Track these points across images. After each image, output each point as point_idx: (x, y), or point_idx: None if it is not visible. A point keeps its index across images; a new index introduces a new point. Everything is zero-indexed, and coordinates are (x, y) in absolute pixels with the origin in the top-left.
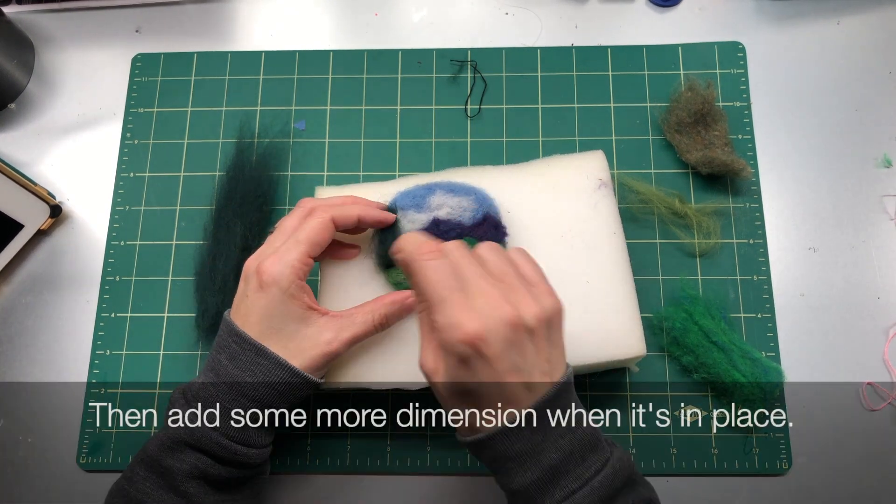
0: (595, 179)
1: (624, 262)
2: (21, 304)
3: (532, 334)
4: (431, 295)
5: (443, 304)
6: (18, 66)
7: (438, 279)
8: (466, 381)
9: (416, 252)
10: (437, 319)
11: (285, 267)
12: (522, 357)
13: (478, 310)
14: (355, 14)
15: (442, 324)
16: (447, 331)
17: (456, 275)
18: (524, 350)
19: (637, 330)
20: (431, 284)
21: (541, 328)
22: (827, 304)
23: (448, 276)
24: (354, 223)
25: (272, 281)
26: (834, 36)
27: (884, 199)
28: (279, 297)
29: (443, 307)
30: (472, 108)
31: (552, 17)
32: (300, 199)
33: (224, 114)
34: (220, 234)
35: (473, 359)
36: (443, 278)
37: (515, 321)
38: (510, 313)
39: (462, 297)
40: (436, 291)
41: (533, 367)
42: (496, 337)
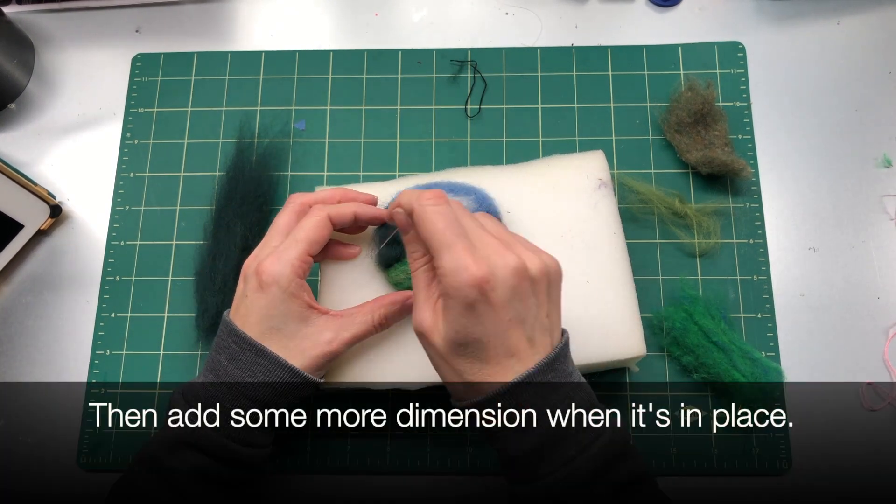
0: (595, 179)
1: (624, 262)
2: (21, 304)
3: (534, 286)
4: (438, 239)
5: (450, 248)
6: (18, 66)
7: (445, 224)
8: (471, 329)
9: (417, 200)
10: (444, 265)
11: (285, 266)
12: (525, 308)
13: (484, 256)
14: (355, 14)
15: (448, 268)
16: (454, 275)
17: (459, 223)
18: (527, 301)
19: (637, 330)
20: (438, 229)
21: (542, 281)
22: (827, 304)
23: (454, 222)
24: (351, 221)
25: (272, 280)
26: (834, 36)
27: (884, 199)
28: (279, 297)
29: (450, 251)
30: (472, 108)
31: (552, 17)
32: (290, 196)
33: (224, 114)
34: (220, 234)
35: (479, 304)
36: (450, 224)
37: (520, 269)
38: (515, 261)
39: (468, 242)
40: (443, 236)
41: (535, 321)
42: (502, 283)
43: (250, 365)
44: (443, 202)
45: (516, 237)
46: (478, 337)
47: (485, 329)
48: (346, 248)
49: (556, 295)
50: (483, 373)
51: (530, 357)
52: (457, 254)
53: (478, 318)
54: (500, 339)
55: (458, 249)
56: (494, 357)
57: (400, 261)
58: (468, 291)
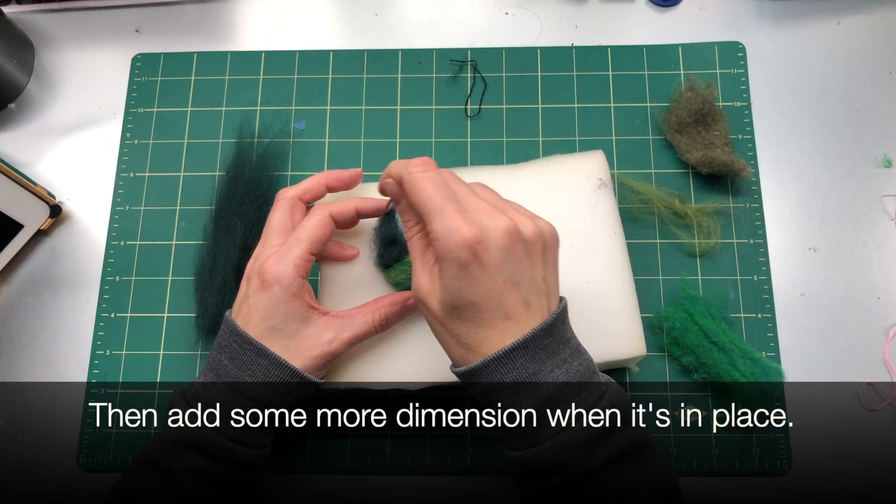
0: (595, 179)
1: (624, 262)
2: (21, 304)
3: (528, 248)
4: (428, 205)
5: (441, 212)
6: (18, 66)
7: (435, 189)
8: (465, 291)
9: (405, 168)
10: (435, 229)
11: (287, 265)
12: (519, 270)
13: (475, 219)
14: (355, 14)
15: (440, 232)
16: (446, 237)
17: (449, 188)
18: (520, 263)
19: (637, 330)
20: (428, 194)
21: (537, 243)
22: (827, 304)
23: (443, 186)
24: (353, 215)
25: (274, 280)
26: (834, 36)
27: (884, 199)
28: (281, 296)
29: (441, 215)
30: (472, 108)
31: (552, 17)
32: (278, 192)
33: (224, 114)
34: (219, 234)
35: (472, 265)
36: (439, 188)
37: (512, 230)
38: (507, 223)
39: (458, 205)
40: (433, 201)
41: (530, 284)
42: (494, 244)
43: (250, 365)
44: (431, 168)
45: (511, 203)
46: (472, 299)
47: (478, 291)
48: (345, 250)
49: (553, 259)
50: (479, 336)
51: (526, 321)
52: (447, 217)
53: (471, 280)
54: (494, 302)
55: (449, 212)
56: (490, 320)
57: (400, 261)
58: (460, 252)
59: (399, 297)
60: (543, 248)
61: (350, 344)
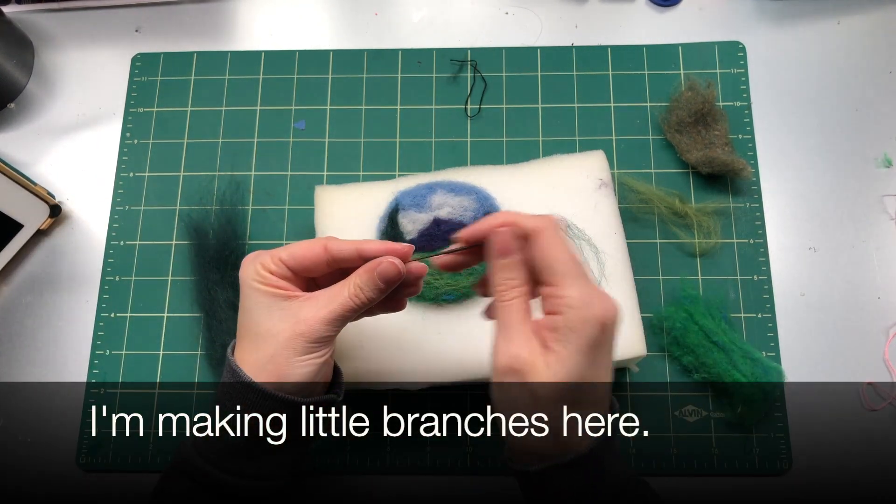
0: (595, 179)
1: (624, 262)
2: (21, 304)
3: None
4: (564, 268)
5: (580, 279)
6: (18, 66)
7: (571, 253)
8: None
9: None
10: (572, 295)
11: (251, 263)
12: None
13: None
14: (355, 14)
15: (577, 300)
16: (584, 308)
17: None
18: (610, 349)
19: (637, 330)
20: (567, 256)
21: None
22: (827, 304)
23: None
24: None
25: (241, 279)
26: (834, 36)
27: (884, 198)
28: (245, 292)
29: (580, 282)
30: (472, 108)
31: (552, 17)
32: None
33: (224, 114)
34: (205, 303)
35: (603, 345)
36: (573, 253)
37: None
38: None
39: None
40: (572, 265)
41: (609, 371)
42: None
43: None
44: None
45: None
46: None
47: (598, 373)
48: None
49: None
50: (578, 426)
51: (604, 417)
52: (587, 287)
53: (595, 361)
54: (603, 390)
55: (588, 282)
56: (589, 407)
57: None
58: (593, 328)
59: (371, 265)
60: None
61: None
